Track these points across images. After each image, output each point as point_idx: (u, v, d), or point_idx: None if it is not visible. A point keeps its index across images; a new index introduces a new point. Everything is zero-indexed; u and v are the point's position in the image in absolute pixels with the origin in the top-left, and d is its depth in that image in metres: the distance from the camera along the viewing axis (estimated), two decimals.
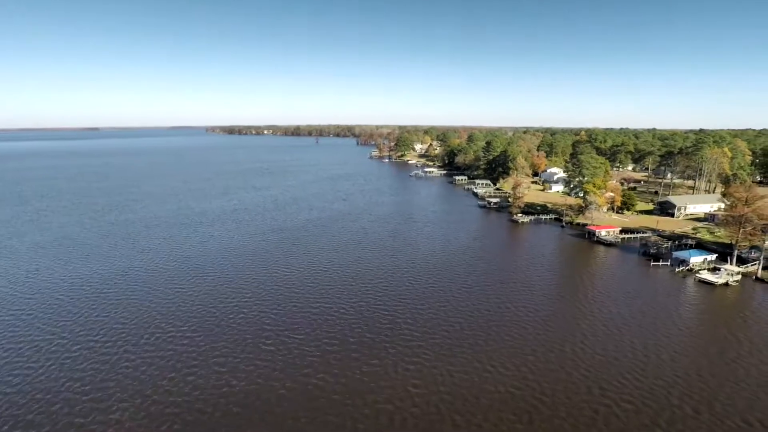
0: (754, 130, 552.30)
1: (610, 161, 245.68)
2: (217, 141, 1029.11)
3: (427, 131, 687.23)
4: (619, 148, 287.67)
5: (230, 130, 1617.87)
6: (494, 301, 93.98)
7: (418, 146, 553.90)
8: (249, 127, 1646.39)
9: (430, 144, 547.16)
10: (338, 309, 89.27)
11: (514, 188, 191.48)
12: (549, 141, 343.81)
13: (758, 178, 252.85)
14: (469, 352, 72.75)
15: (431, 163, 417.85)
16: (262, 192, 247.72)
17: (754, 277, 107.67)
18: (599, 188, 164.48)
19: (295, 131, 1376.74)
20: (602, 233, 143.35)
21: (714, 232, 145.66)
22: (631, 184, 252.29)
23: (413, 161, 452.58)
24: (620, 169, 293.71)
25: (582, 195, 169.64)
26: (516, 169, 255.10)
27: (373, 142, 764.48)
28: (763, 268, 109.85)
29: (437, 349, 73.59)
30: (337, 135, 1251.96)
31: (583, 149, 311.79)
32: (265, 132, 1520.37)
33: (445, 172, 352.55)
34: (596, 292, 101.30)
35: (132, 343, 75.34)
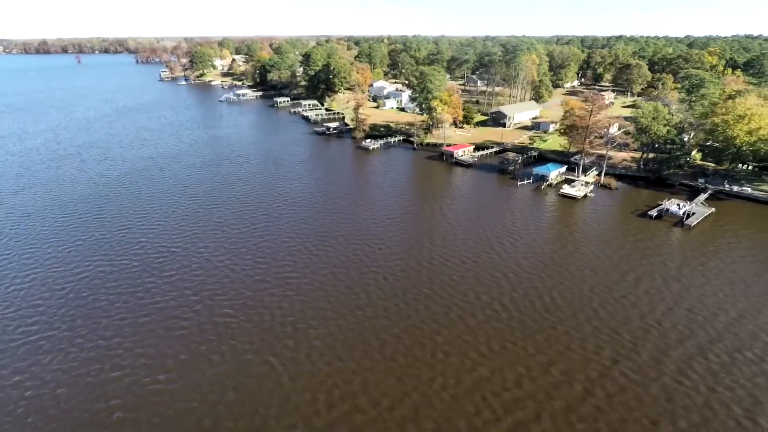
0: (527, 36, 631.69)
1: None
2: None
3: (222, 43, 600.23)
4: (435, 57, 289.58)
5: None
6: (375, 251, 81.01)
7: (218, 63, 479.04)
8: None
9: (233, 60, 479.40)
10: (191, 301, 63.37)
11: (355, 109, 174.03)
12: (366, 51, 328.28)
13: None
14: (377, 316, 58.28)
15: (241, 83, 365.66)
16: (17, 143, 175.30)
17: (599, 185, 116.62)
18: (445, 104, 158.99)
19: (42, 47, 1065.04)
20: (459, 153, 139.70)
21: (546, 140, 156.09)
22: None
23: (217, 82, 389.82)
24: None
25: (427, 112, 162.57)
26: (342, 86, 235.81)
27: (157, 59, 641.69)
28: (604, 175, 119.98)
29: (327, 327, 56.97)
30: (105, 51, 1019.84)
31: (402, 59, 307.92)
32: None
33: (261, 93, 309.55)
34: (471, 220, 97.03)
35: None
